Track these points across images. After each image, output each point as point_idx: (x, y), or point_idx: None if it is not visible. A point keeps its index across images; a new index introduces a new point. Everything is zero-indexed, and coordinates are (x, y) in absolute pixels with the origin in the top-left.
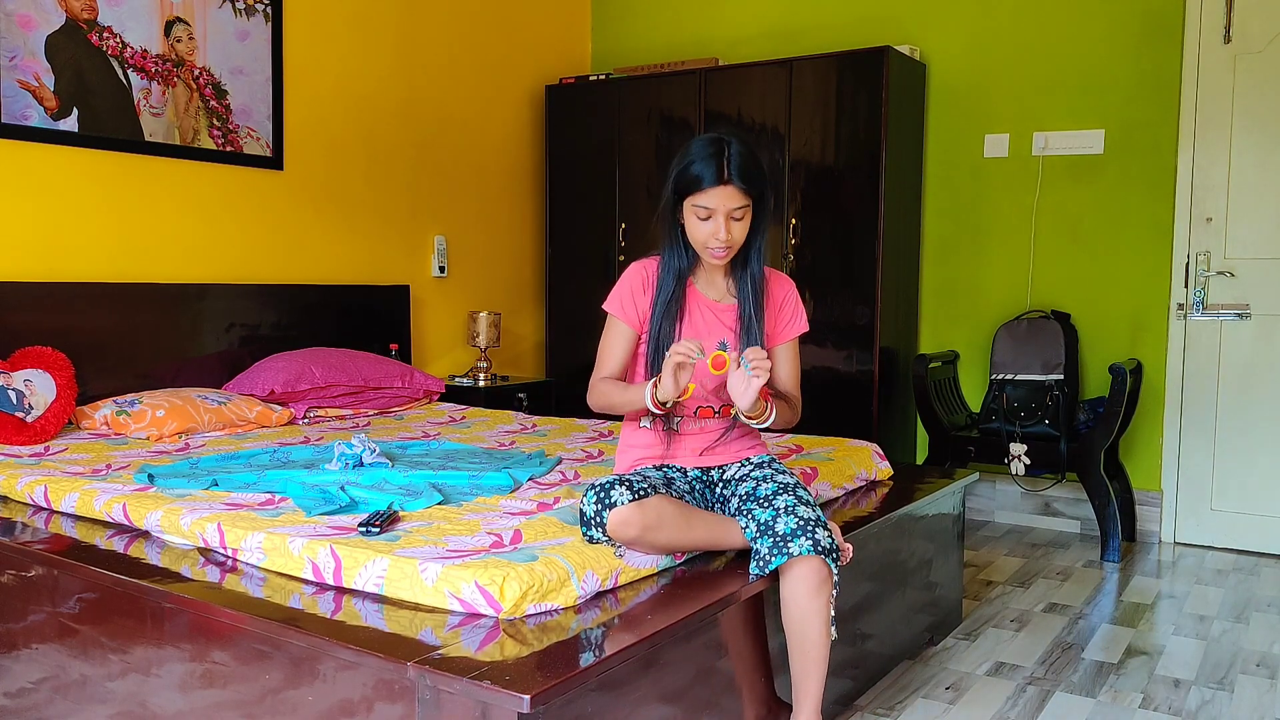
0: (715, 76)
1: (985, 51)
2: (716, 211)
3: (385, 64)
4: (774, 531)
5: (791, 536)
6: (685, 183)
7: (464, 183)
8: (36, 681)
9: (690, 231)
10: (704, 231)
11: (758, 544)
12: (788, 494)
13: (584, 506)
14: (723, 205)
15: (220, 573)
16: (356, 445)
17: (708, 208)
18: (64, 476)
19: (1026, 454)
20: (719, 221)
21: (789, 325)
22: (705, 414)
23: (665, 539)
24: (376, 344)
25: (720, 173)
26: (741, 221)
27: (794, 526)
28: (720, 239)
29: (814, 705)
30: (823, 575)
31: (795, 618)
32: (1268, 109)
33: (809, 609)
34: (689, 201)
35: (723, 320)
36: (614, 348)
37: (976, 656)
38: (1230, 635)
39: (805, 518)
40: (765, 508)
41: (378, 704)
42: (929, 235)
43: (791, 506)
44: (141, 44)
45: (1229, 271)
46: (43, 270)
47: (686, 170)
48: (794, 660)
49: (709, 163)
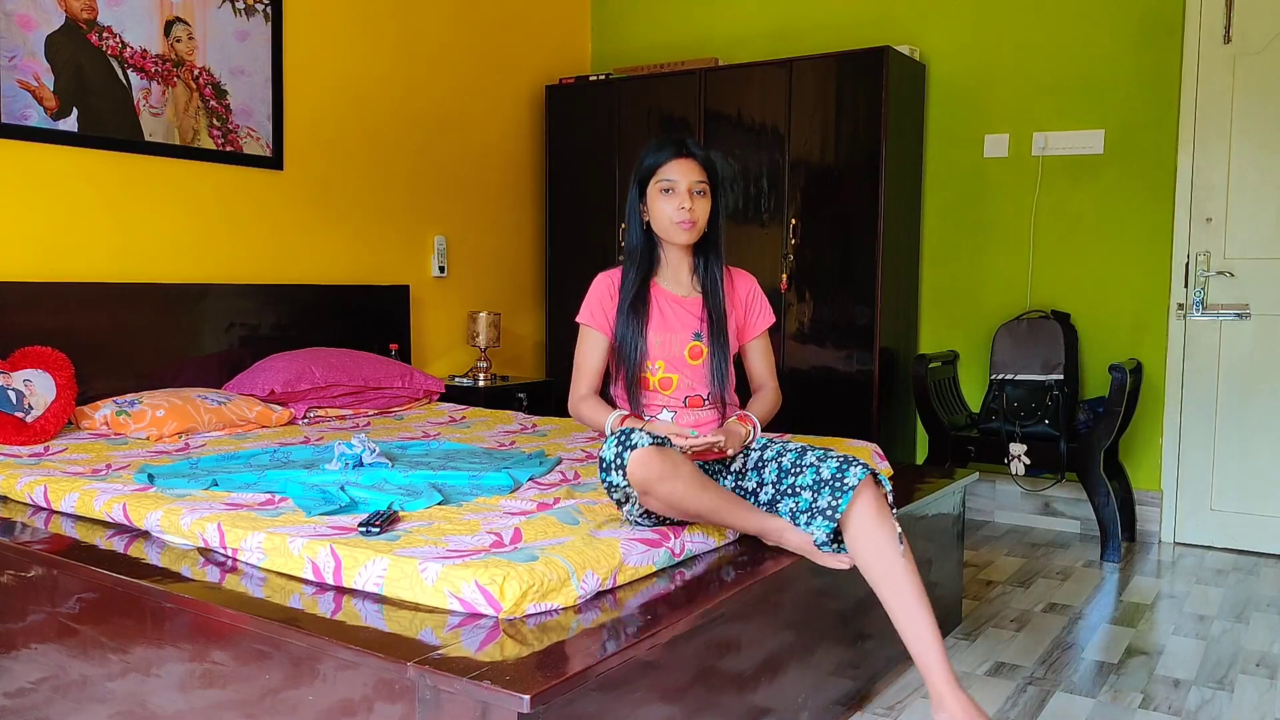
0: (715, 76)
1: (985, 51)
2: (678, 183)
3: (385, 64)
4: (822, 479)
5: (840, 474)
6: (647, 167)
7: (464, 183)
8: (36, 681)
9: (657, 217)
10: (669, 208)
11: (819, 500)
12: (808, 453)
13: (603, 452)
14: (684, 176)
15: (220, 573)
16: (356, 445)
17: (670, 179)
18: (64, 476)
19: (1026, 454)
20: (682, 193)
21: (758, 320)
22: (695, 403)
23: (680, 492)
24: (376, 344)
25: (679, 149)
26: (703, 198)
27: (837, 466)
28: (685, 208)
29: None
30: (880, 498)
31: (870, 550)
32: (1268, 109)
33: (881, 537)
34: (652, 184)
35: (691, 312)
36: (589, 357)
37: (976, 656)
38: (1230, 635)
39: (841, 457)
40: (799, 474)
41: (378, 704)
42: (929, 235)
43: (822, 457)
44: (141, 44)
45: (1229, 271)
46: (43, 270)
47: (647, 156)
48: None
49: (666, 144)
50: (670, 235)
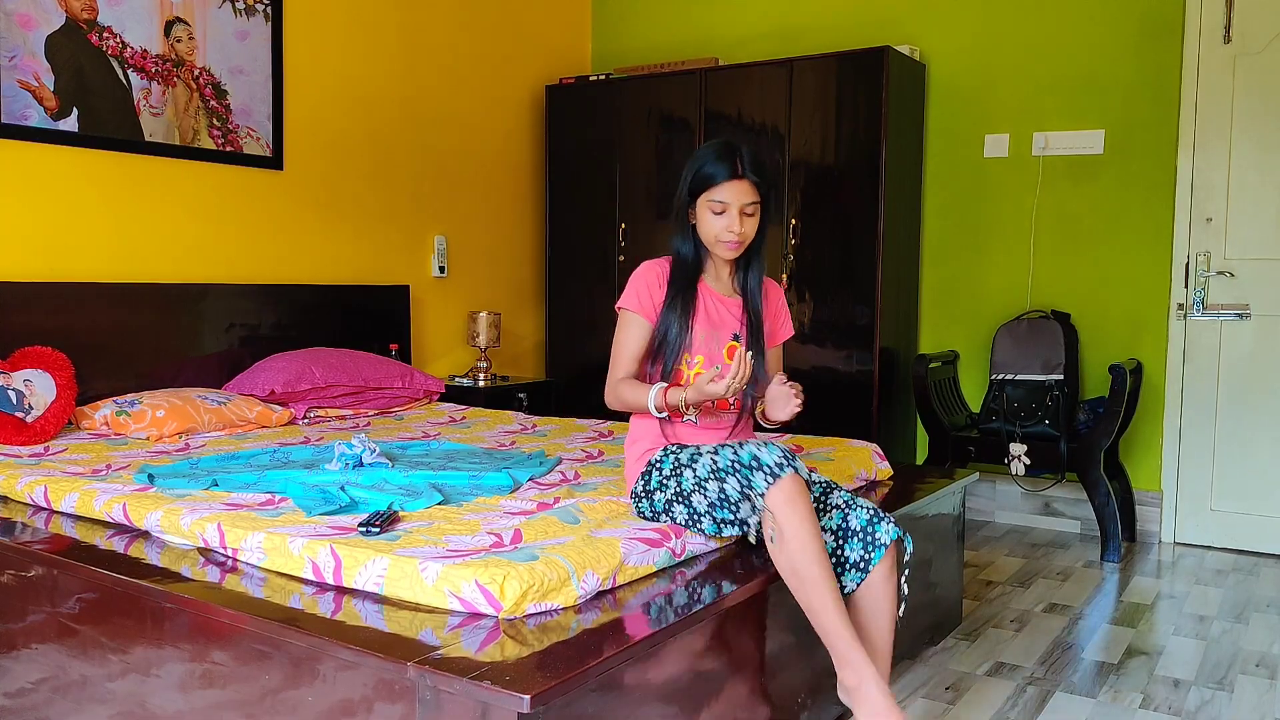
0: (715, 76)
1: (985, 51)
2: (730, 205)
3: (385, 64)
4: (850, 529)
5: (873, 527)
6: (700, 179)
7: (464, 183)
8: (36, 681)
9: (704, 228)
10: (718, 225)
11: (847, 550)
12: (832, 493)
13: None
14: (736, 199)
15: (220, 573)
16: (356, 445)
17: (723, 201)
18: (64, 476)
19: (1026, 454)
20: (733, 215)
21: (781, 329)
22: (722, 403)
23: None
24: (376, 344)
25: (735, 169)
26: (752, 218)
27: (867, 517)
28: (734, 231)
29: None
30: (897, 558)
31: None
32: (1268, 109)
33: (889, 590)
34: (704, 198)
35: (731, 313)
36: (630, 344)
37: (976, 656)
38: (1230, 635)
39: (869, 506)
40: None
41: (378, 704)
42: (929, 235)
43: (850, 502)
44: (141, 44)
45: (1229, 271)
46: (43, 270)
47: (702, 169)
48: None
49: (724, 161)
50: (714, 249)
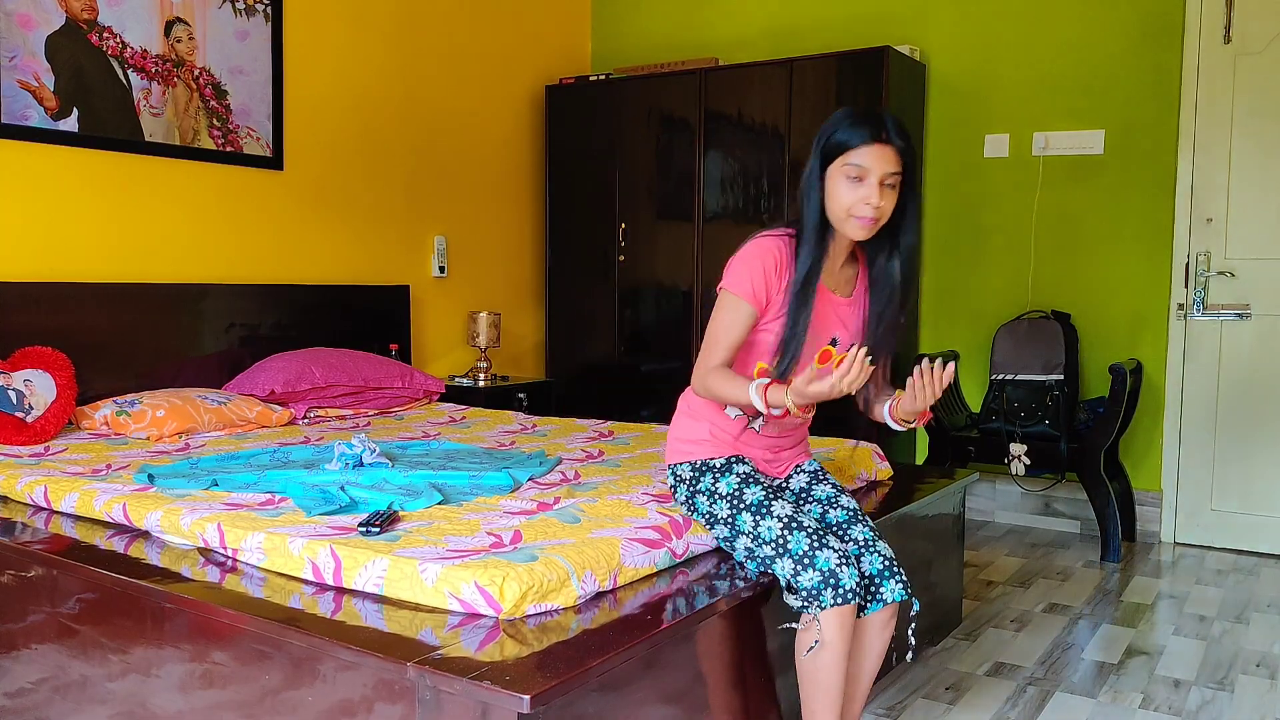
0: (715, 76)
1: (985, 51)
2: (870, 172)
3: (385, 64)
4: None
5: (882, 580)
6: (836, 144)
7: (464, 183)
8: (36, 681)
9: (834, 201)
10: (853, 196)
11: None
12: (859, 523)
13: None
14: (877, 166)
15: (220, 573)
16: (356, 445)
17: (861, 166)
18: (64, 476)
19: (1026, 454)
20: (872, 185)
21: None
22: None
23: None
24: (376, 344)
25: (879, 132)
26: (892, 191)
27: (881, 565)
28: (872, 204)
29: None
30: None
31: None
32: (1268, 109)
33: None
34: (839, 163)
35: (835, 312)
36: (732, 331)
37: (976, 657)
38: (1230, 635)
39: (888, 555)
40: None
41: (378, 704)
42: (929, 235)
43: (871, 542)
44: (141, 44)
45: (1229, 271)
46: (43, 270)
47: (838, 131)
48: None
49: (865, 122)
50: (843, 227)
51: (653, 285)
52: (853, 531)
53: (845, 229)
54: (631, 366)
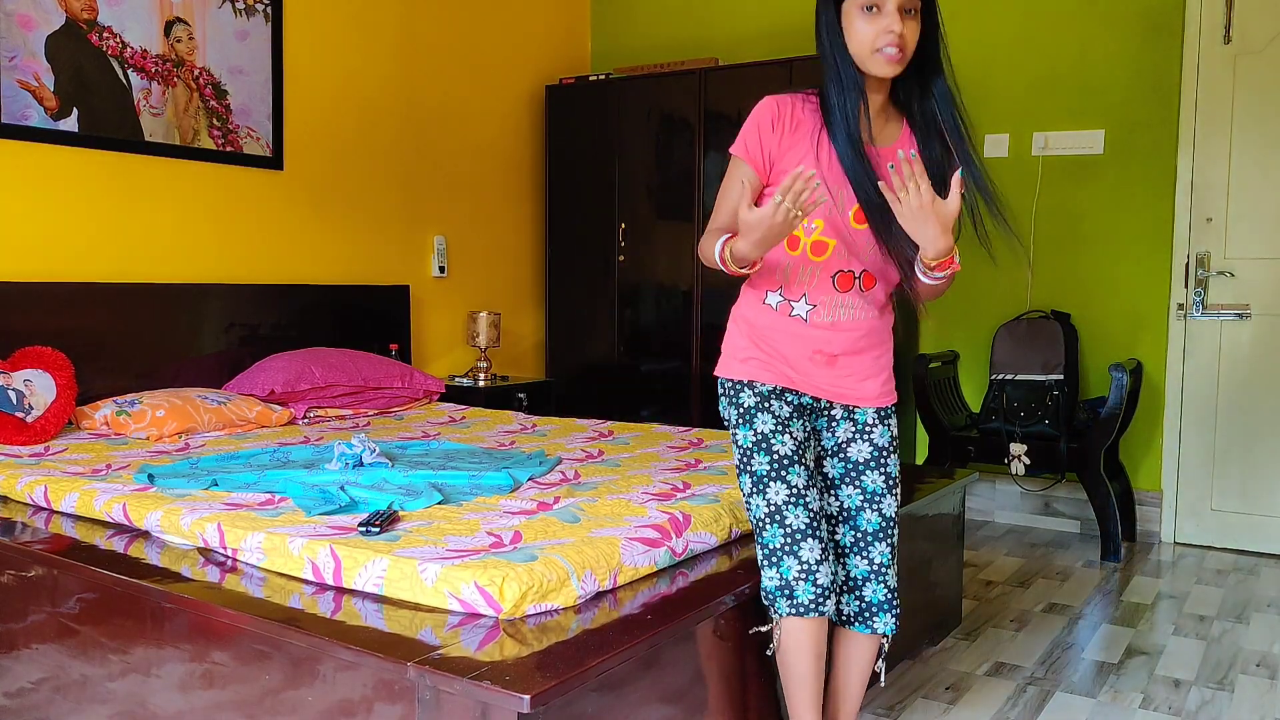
0: (715, 76)
1: (985, 51)
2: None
3: (385, 64)
4: (861, 596)
5: (879, 610)
6: None
7: (464, 183)
8: (36, 681)
9: (855, 39)
10: (872, 30)
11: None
12: (884, 542)
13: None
14: None
15: (220, 573)
16: (356, 445)
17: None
18: (64, 476)
19: (1026, 454)
20: (890, 12)
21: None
22: (845, 282)
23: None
24: (376, 344)
25: None
26: (914, 20)
27: (883, 598)
28: (894, 31)
29: None
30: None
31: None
32: (1268, 109)
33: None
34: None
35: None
36: (730, 192)
37: (976, 656)
38: (1230, 635)
39: (892, 587)
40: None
41: (378, 704)
42: None
43: (884, 569)
44: (141, 44)
45: (1229, 271)
46: (43, 270)
47: None
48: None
49: None
50: (869, 65)
51: (652, 285)
52: (872, 551)
53: (871, 67)
54: (631, 366)
